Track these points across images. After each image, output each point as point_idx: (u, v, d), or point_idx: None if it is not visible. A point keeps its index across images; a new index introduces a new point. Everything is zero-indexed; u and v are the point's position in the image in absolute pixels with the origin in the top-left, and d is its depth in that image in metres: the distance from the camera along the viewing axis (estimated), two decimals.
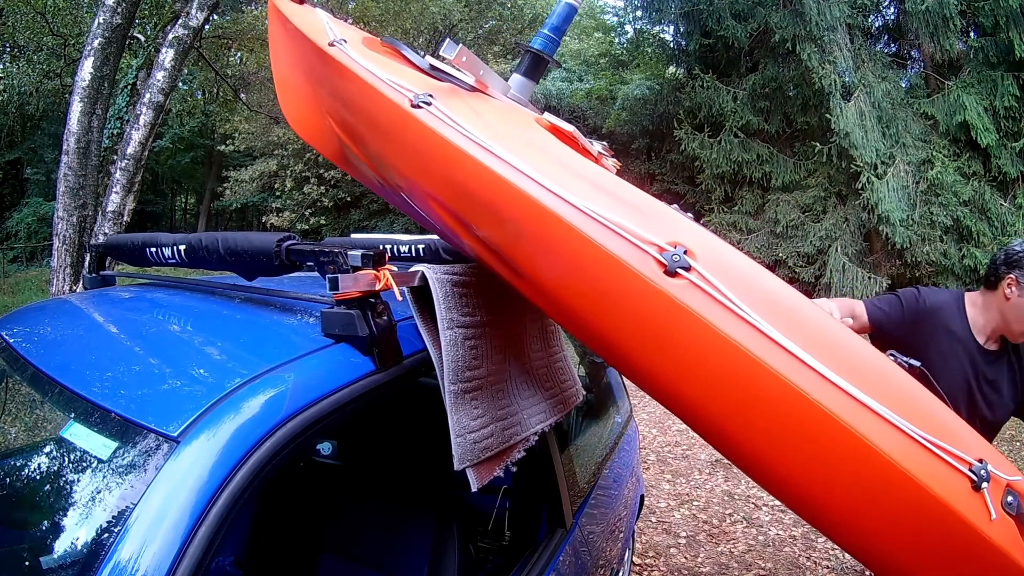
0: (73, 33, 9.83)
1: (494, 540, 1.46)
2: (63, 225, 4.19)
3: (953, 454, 0.55)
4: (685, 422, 0.74)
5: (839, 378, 0.56)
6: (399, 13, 13.02)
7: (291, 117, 1.37)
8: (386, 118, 0.88)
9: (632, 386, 4.33)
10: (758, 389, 0.58)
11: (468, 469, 0.88)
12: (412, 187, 0.93)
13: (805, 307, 0.62)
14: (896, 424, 0.55)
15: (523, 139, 0.79)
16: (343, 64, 0.95)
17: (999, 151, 7.84)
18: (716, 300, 0.59)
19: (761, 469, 0.66)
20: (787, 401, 0.57)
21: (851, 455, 0.55)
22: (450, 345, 0.87)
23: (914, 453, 0.54)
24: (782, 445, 0.60)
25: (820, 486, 0.60)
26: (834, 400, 0.55)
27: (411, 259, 1.36)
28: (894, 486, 0.55)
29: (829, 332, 0.60)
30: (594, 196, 0.67)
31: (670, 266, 0.60)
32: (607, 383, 2.15)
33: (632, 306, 0.64)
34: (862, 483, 0.56)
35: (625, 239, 0.63)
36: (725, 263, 0.62)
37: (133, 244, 1.25)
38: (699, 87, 9.48)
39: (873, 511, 0.58)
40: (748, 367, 0.57)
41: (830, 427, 0.55)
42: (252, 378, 0.73)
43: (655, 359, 0.66)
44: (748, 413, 0.61)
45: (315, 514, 1.53)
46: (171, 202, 24.54)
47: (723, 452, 0.71)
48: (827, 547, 2.81)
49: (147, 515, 0.59)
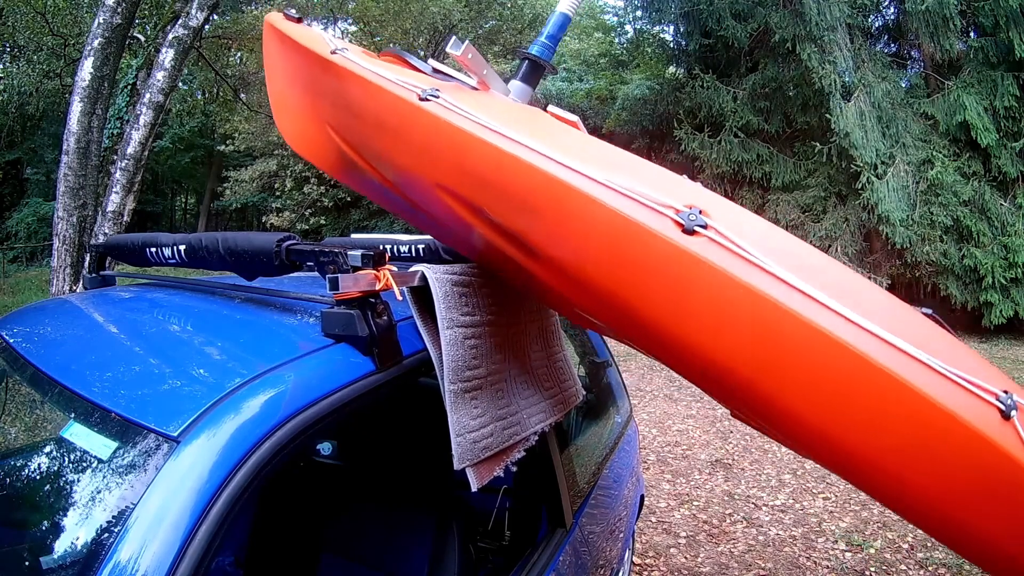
0: (73, 33, 9.84)
1: (494, 540, 1.46)
2: (63, 225, 4.19)
3: (979, 386, 0.55)
4: (711, 387, 0.74)
5: (864, 320, 0.57)
6: (399, 13, 13.03)
7: (288, 133, 1.38)
8: (394, 115, 0.89)
9: (632, 386, 4.33)
10: (788, 336, 0.59)
11: (468, 469, 0.88)
12: (420, 183, 0.93)
13: (818, 256, 0.64)
14: (924, 361, 0.55)
15: (532, 123, 0.81)
16: (347, 68, 0.97)
17: (999, 151, 7.84)
18: (735, 253, 0.60)
19: (796, 422, 0.65)
20: (817, 345, 0.57)
21: (884, 393, 0.56)
22: (450, 345, 0.87)
23: (944, 387, 0.55)
24: (815, 391, 0.60)
25: (856, 431, 0.60)
26: (862, 340, 0.56)
27: (411, 259, 1.36)
28: (929, 422, 0.55)
29: (846, 279, 0.62)
30: (607, 168, 0.69)
31: (687, 225, 0.62)
32: (607, 383, 2.15)
33: (654, 267, 0.65)
34: (897, 422, 0.57)
35: (642, 204, 0.64)
36: (739, 220, 0.64)
37: (133, 244, 1.25)
38: (699, 87, 9.49)
39: (910, 451, 0.58)
40: (776, 315, 0.58)
41: (861, 366, 0.56)
42: (252, 378, 0.73)
43: (681, 320, 0.66)
44: (779, 363, 0.61)
45: (315, 514, 1.53)
46: (171, 202, 24.54)
47: (755, 410, 0.70)
48: (827, 547, 2.81)
49: (147, 515, 0.59)
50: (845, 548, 2.80)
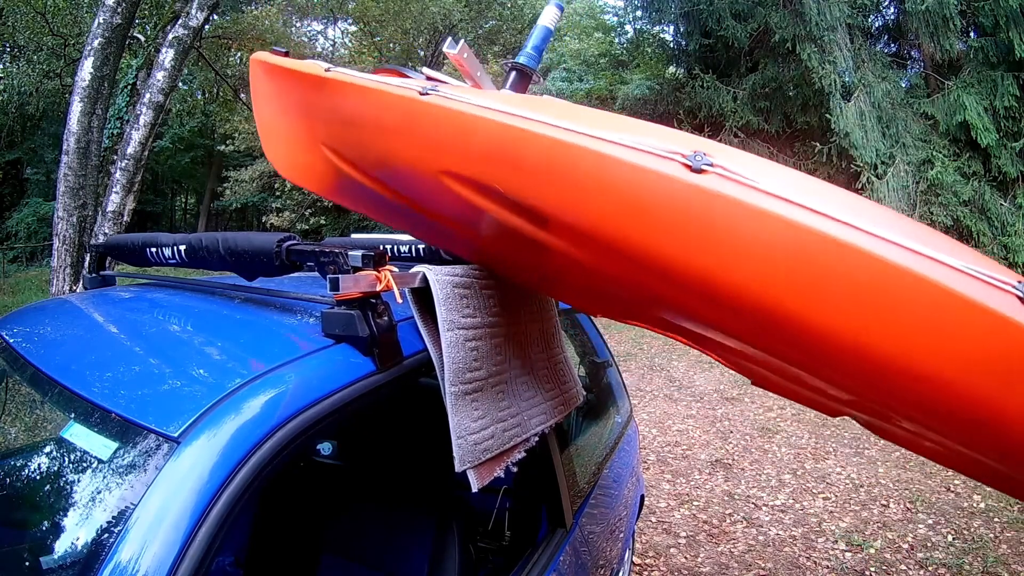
0: (73, 33, 9.84)
1: (494, 540, 1.46)
2: (63, 225, 4.19)
3: (996, 278, 0.59)
4: (742, 330, 0.75)
5: (881, 229, 0.60)
6: (399, 13, 13.03)
7: (279, 161, 1.43)
8: (396, 114, 0.93)
9: (632, 386, 4.32)
10: (810, 255, 0.62)
11: (468, 470, 0.88)
12: (424, 176, 0.95)
13: (818, 182, 0.67)
14: (944, 261, 0.59)
15: (532, 102, 0.84)
16: (344, 82, 1.01)
17: (999, 151, 7.84)
18: (745, 184, 0.64)
19: (830, 342, 0.67)
20: (840, 257, 0.60)
21: (912, 295, 0.59)
22: (451, 346, 0.87)
23: (965, 282, 0.58)
24: (847, 303, 0.62)
25: (890, 336, 0.62)
26: (880, 248, 0.59)
27: (411, 259, 1.36)
28: (958, 315, 0.58)
29: (851, 197, 0.65)
30: (612, 129, 0.72)
31: (695, 165, 0.66)
32: (607, 383, 2.15)
33: (671, 210, 0.68)
34: (928, 321, 0.59)
35: (651, 154, 0.68)
36: (740, 157, 0.68)
37: (133, 244, 1.25)
38: (699, 87, 9.48)
39: (943, 347, 0.61)
40: (797, 235, 0.61)
41: (886, 271, 0.59)
42: (252, 378, 0.73)
43: (705, 258, 0.69)
44: (807, 281, 0.64)
45: (315, 514, 1.53)
46: (171, 202, 24.54)
47: (787, 341, 0.71)
48: (827, 547, 2.81)
49: (147, 516, 0.59)
50: (845, 548, 2.80)
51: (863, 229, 0.60)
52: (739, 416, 4.77)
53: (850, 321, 0.63)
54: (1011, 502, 3.19)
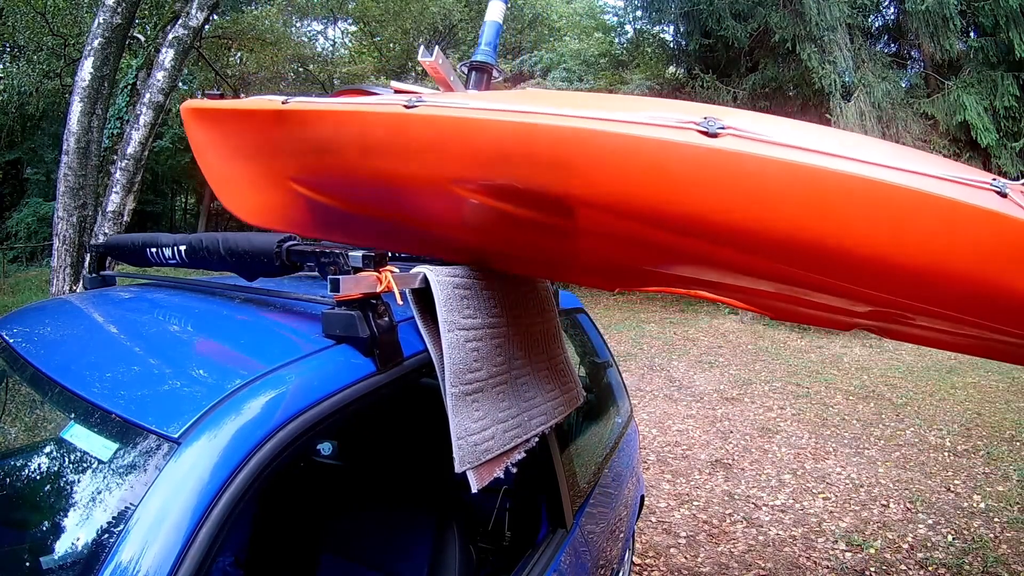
0: (73, 33, 9.84)
1: (494, 540, 1.46)
2: (63, 225, 4.19)
3: (972, 180, 0.68)
4: (770, 267, 0.81)
5: (878, 157, 0.68)
6: (399, 13, 13.04)
7: (241, 208, 1.31)
8: (382, 132, 0.89)
9: (632, 386, 4.31)
10: (830, 190, 0.69)
11: (468, 471, 0.88)
12: (429, 189, 0.93)
13: (819, 127, 0.74)
14: (933, 174, 0.67)
15: (520, 94, 0.86)
16: (309, 110, 0.95)
17: (999, 151, 7.85)
18: (759, 140, 0.69)
19: (853, 261, 0.74)
20: (854, 188, 0.68)
21: (915, 208, 0.67)
22: (451, 347, 0.87)
23: (955, 189, 0.67)
24: (866, 225, 0.70)
25: (903, 247, 0.71)
26: (881, 174, 0.67)
27: (411, 260, 1.36)
28: (953, 217, 0.67)
29: (847, 135, 0.73)
30: (621, 109, 0.75)
31: (710, 130, 0.70)
32: (607, 383, 2.15)
33: (696, 175, 0.72)
34: (931, 228, 0.69)
35: (663, 125, 0.72)
36: (751, 117, 0.73)
37: (133, 244, 1.25)
38: (699, 87, 9.48)
39: (944, 246, 0.70)
40: (816, 175, 0.68)
41: (891, 194, 0.67)
42: (253, 379, 0.73)
43: (738, 213, 0.73)
44: (828, 215, 0.71)
45: (315, 514, 1.53)
46: (171, 202, 24.51)
47: (812, 266, 0.78)
48: (827, 547, 2.81)
49: (148, 516, 0.59)
50: (845, 548, 2.80)
51: (865, 160, 0.68)
52: (739, 416, 4.77)
53: (871, 238, 0.71)
54: (1011, 502, 3.19)
